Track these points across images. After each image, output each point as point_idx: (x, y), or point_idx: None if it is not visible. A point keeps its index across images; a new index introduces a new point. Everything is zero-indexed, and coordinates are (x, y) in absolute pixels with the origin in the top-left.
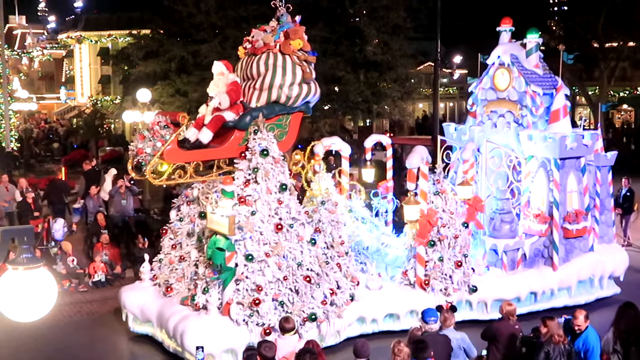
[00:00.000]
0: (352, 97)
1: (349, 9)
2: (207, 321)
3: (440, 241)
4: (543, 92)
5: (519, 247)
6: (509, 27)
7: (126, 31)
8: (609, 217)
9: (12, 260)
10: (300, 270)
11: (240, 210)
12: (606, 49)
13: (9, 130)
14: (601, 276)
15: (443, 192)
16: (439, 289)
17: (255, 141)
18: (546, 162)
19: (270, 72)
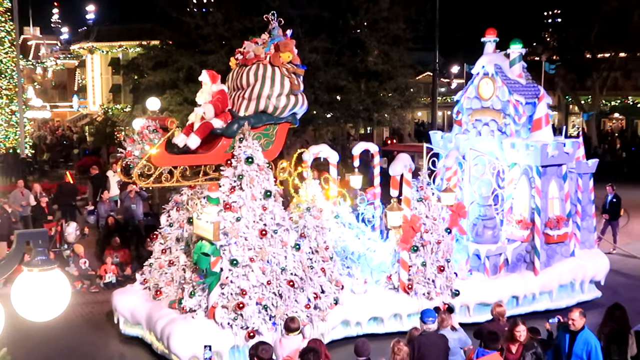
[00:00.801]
0: (353, 105)
1: (351, 21)
2: (193, 324)
3: (423, 246)
4: (526, 101)
5: (501, 252)
6: (493, 38)
7: (136, 42)
8: (590, 223)
9: (27, 262)
10: (284, 275)
11: (225, 216)
12: (598, 60)
13: (23, 137)
14: (582, 280)
15: (426, 199)
16: (422, 293)
17: (240, 149)
18: (528, 170)
19: (259, 82)
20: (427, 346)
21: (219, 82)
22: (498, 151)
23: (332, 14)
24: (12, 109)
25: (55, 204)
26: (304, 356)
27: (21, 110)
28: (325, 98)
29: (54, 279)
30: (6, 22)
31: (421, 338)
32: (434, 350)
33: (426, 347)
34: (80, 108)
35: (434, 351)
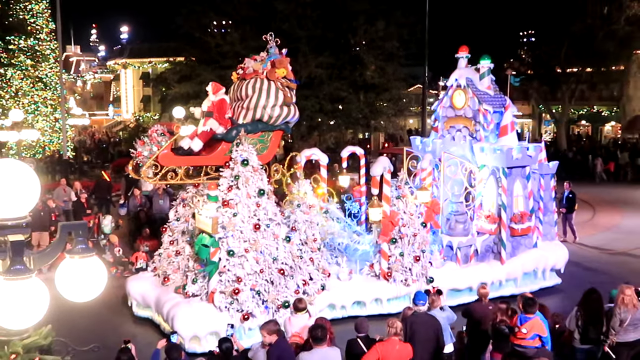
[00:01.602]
0: (353, 113)
1: (351, 40)
2: (194, 307)
3: (401, 239)
4: (493, 110)
5: (471, 244)
6: (465, 54)
7: (164, 58)
8: (551, 218)
9: (69, 250)
10: (275, 264)
11: (223, 212)
12: (567, 74)
13: (65, 141)
14: (544, 269)
15: (404, 196)
16: (400, 280)
17: (237, 152)
18: (496, 171)
19: (257, 94)
20: (417, 324)
21: (220, 93)
22: (469, 154)
23: (334, 34)
24: (55, 117)
25: (94, 198)
26: (313, 332)
27: (64, 117)
28: (328, 107)
29: (92, 265)
30: (51, 42)
31: (413, 317)
32: (423, 328)
33: (417, 325)
34: (115, 116)
35: (424, 329)
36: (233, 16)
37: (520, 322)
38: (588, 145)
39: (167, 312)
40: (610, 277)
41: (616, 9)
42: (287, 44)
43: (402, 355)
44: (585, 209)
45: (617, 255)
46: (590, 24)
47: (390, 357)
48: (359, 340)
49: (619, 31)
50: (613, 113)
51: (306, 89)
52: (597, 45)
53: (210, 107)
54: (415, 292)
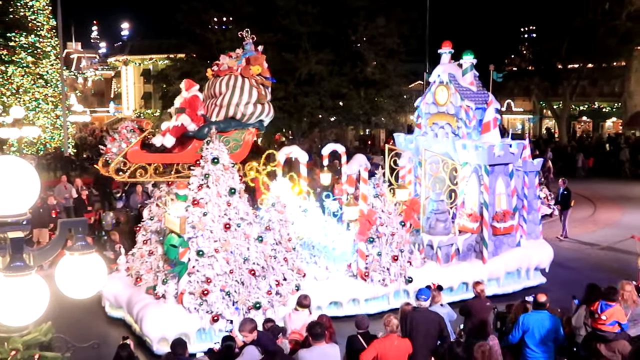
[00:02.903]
0: (354, 110)
1: (352, 37)
2: (164, 309)
3: (379, 238)
4: (476, 107)
5: (452, 243)
6: (449, 50)
7: (165, 55)
8: (535, 216)
9: (69, 247)
10: (246, 265)
11: (193, 211)
12: (569, 70)
13: (67, 138)
14: (527, 268)
15: (382, 195)
16: (378, 280)
17: (208, 150)
18: (478, 168)
19: (230, 91)
20: (419, 320)
21: (193, 89)
22: (452, 151)
23: (335, 30)
24: (56, 114)
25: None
26: (312, 329)
27: (65, 114)
28: (329, 104)
29: (92, 262)
30: (52, 38)
31: (415, 313)
32: (425, 323)
33: (418, 321)
34: (116, 113)
35: (425, 324)
36: (233, 13)
37: (601, 309)
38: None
39: (136, 313)
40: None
41: (617, 4)
42: (288, 41)
43: (401, 351)
44: (586, 205)
45: (605, 250)
46: (592, 20)
47: (389, 353)
48: (359, 336)
49: (620, 27)
50: (614, 109)
51: (307, 85)
52: (599, 41)
53: (182, 104)
54: (418, 289)
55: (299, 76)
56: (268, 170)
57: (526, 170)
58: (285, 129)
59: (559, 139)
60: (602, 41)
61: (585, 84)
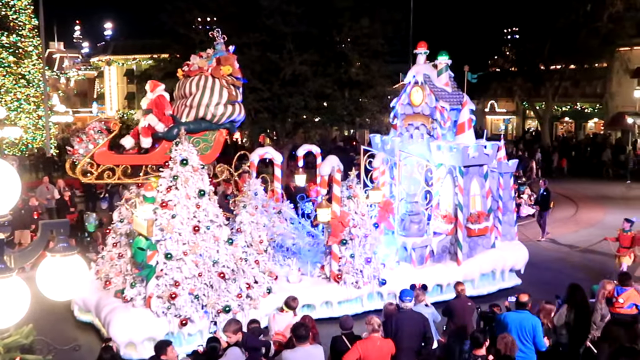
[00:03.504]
0: (338, 110)
1: (336, 37)
2: (131, 313)
3: (352, 240)
4: (450, 108)
5: (426, 245)
6: (424, 50)
7: (148, 55)
8: (511, 217)
9: (51, 248)
10: (215, 267)
11: (161, 214)
12: (551, 71)
13: (49, 139)
14: (502, 269)
15: (355, 196)
16: (351, 282)
17: (177, 152)
18: (452, 169)
19: (200, 92)
20: (403, 321)
21: (158, 89)
22: (427, 152)
23: (319, 30)
24: (38, 114)
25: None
26: (296, 330)
27: (47, 115)
28: (313, 104)
29: (74, 263)
30: (34, 38)
31: (399, 314)
32: (409, 324)
33: (403, 322)
34: (99, 113)
35: (410, 325)
36: (217, 13)
37: (617, 293)
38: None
39: (104, 317)
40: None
41: (599, 6)
42: (272, 41)
43: (384, 352)
44: (569, 205)
45: (583, 252)
46: (574, 21)
47: (371, 354)
48: (344, 337)
49: (601, 28)
50: (596, 110)
51: (291, 86)
52: (580, 42)
53: (149, 105)
54: (401, 290)
55: (283, 76)
56: (240, 172)
57: (501, 172)
58: (269, 130)
59: (542, 139)
60: (584, 43)
61: (567, 85)
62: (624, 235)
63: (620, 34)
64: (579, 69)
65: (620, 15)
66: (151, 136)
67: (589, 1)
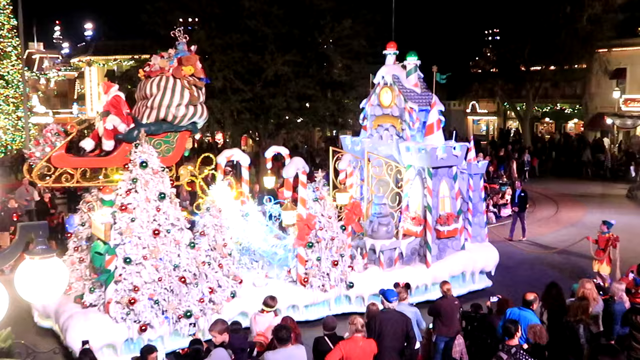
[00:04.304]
0: (320, 111)
1: (318, 38)
2: (89, 318)
3: (318, 243)
4: (419, 109)
5: (395, 247)
6: (393, 51)
7: (129, 56)
8: (481, 219)
9: (29, 250)
10: (176, 272)
11: (121, 217)
12: (532, 72)
13: (28, 140)
14: (472, 271)
15: (322, 199)
16: (317, 286)
17: (136, 154)
18: (421, 171)
19: (161, 92)
20: (386, 321)
21: (112, 90)
22: (396, 154)
23: (301, 32)
24: (18, 115)
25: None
26: (277, 332)
27: (26, 116)
28: (295, 105)
29: (53, 266)
30: (13, 38)
31: (382, 314)
32: (392, 324)
33: (386, 322)
34: (79, 114)
35: (393, 325)
36: (199, 13)
37: (636, 284)
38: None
39: (62, 323)
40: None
41: (578, 8)
42: (254, 42)
43: (366, 352)
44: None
45: (559, 253)
46: (553, 23)
47: (354, 354)
48: (326, 337)
49: (581, 30)
50: (576, 110)
51: (273, 86)
52: (560, 44)
53: (105, 107)
54: (386, 290)
55: (265, 77)
56: (205, 173)
57: (471, 173)
58: (251, 131)
59: (523, 139)
60: (563, 44)
61: (547, 86)
62: (602, 237)
63: (599, 36)
64: (559, 70)
65: (599, 17)
66: (114, 138)
67: (568, 3)
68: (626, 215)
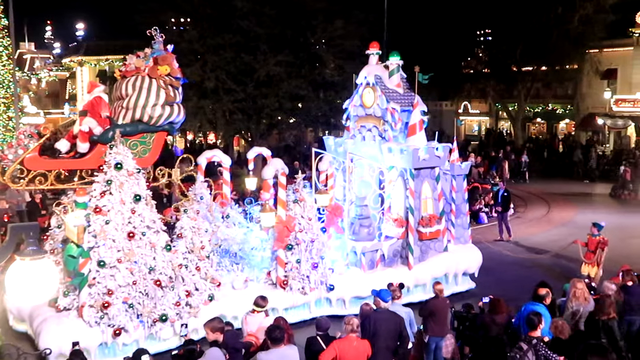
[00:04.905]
0: (313, 112)
1: (310, 38)
2: (63, 323)
3: (298, 245)
4: (401, 109)
5: (377, 249)
6: (376, 51)
7: (121, 56)
8: (464, 220)
9: (20, 251)
10: (151, 275)
11: (95, 220)
12: (523, 72)
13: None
14: (455, 273)
15: (302, 200)
16: (297, 288)
17: (111, 155)
18: (403, 172)
19: (136, 93)
20: (380, 321)
21: (96, 90)
22: (379, 155)
23: (294, 32)
24: (9, 115)
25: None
26: (271, 333)
27: (17, 116)
28: (288, 105)
29: (43, 267)
30: (3, 38)
31: (377, 314)
32: (386, 324)
33: (380, 321)
34: (71, 115)
35: (386, 324)
36: (191, 14)
37: None
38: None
39: (35, 327)
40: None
41: (570, 9)
42: (246, 42)
43: (360, 352)
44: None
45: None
46: (545, 24)
47: (347, 354)
48: (319, 338)
49: (572, 31)
50: (567, 111)
51: (265, 87)
52: (552, 44)
53: (85, 106)
54: (380, 290)
55: (258, 78)
56: (184, 175)
57: (454, 174)
58: (244, 131)
59: (515, 140)
60: (555, 44)
61: (539, 86)
62: (592, 240)
63: (590, 36)
64: (551, 70)
65: (590, 17)
66: (88, 140)
67: (560, 4)
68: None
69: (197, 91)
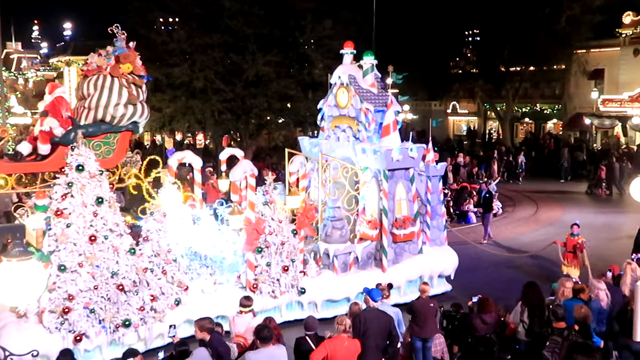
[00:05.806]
0: (301, 112)
1: (299, 38)
2: (23, 328)
3: (267, 247)
4: (375, 109)
5: (350, 251)
6: (350, 50)
7: None
8: (440, 222)
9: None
10: (114, 279)
11: (56, 223)
12: (511, 73)
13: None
14: (430, 275)
15: (272, 202)
16: (267, 292)
17: (72, 157)
18: (377, 173)
19: (98, 92)
20: (371, 320)
21: (57, 91)
22: (353, 156)
23: (282, 32)
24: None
25: None
26: (260, 332)
27: (4, 117)
28: (276, 105)
29: (30, 268)
30: None
31: (367, 313)
32: (376, 323)
33: (370, 321)
34: None
35: (377, 324)
36: (179, 13)
37: None
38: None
39: None
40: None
41: (557, 9)
42: (235, 42)
43: (351, 352)
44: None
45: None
46: (533, 24)
47: (338, 353)
48: (307, 337)
49: (559, 31)
50: (555, 111)
51: (254, 87)
52: (539, 44)
53: (46, 107)
54: (371, 289)
55: (246, 78)
56: (153, 177)
57: (429, 175)
58: (232, 131)
59: (503, 140)
60: (542, 45)
61: (527, 86)
62: (571, 239)
63: (577, 37)
64: (538, 70)
65: (577, 18)
66: (49, 142)
67: (547, 4)
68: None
69: (186, 91)
